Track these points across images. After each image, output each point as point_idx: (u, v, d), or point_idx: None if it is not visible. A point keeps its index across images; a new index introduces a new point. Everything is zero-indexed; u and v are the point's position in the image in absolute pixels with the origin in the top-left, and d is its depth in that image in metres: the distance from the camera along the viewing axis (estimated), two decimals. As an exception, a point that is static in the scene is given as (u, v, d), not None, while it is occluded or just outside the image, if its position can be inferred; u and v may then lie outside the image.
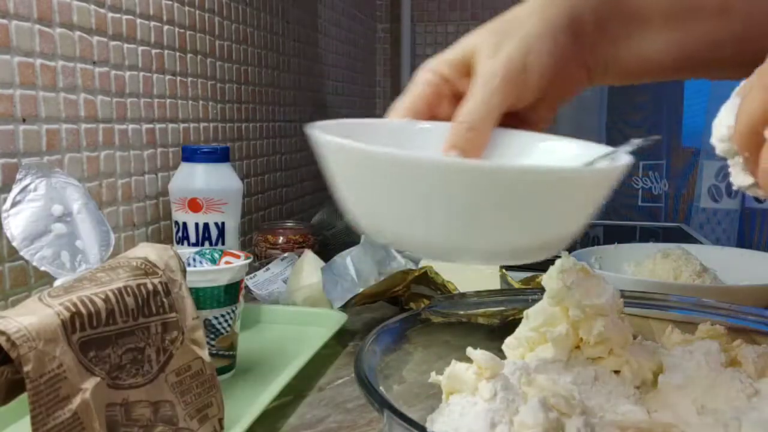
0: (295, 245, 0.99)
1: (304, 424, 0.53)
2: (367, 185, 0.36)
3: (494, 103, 0.42)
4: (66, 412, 0.34)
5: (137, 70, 0.84)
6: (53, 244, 0.59)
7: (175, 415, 0.41)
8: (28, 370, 0.33)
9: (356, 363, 0.42)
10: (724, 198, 1.72)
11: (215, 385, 0.44)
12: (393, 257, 0.82)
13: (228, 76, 1.07)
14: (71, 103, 0.72)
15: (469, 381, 0.42)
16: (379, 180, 0.35)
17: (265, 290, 0.83)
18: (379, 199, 0.36)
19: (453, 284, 0.72)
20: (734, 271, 0.90)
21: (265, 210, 1.24)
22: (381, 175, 0.35)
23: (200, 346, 0.44)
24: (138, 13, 0.83)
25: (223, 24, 1.05)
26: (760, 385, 0.44)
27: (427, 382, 0.45)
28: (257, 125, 1.19)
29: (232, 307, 0.60)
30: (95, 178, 0.77)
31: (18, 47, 0.65)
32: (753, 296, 0.76)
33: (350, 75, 1.75)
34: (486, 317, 0.58)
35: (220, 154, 0.83)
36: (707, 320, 0.51)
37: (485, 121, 0.42)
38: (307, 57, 1.43)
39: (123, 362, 0.38)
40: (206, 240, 0.82)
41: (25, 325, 0.34)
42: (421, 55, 1.99)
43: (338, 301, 0.72)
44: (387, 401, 0.37)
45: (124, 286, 0.40)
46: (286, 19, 1.30)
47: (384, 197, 0.36)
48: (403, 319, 0.52)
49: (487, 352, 0.43)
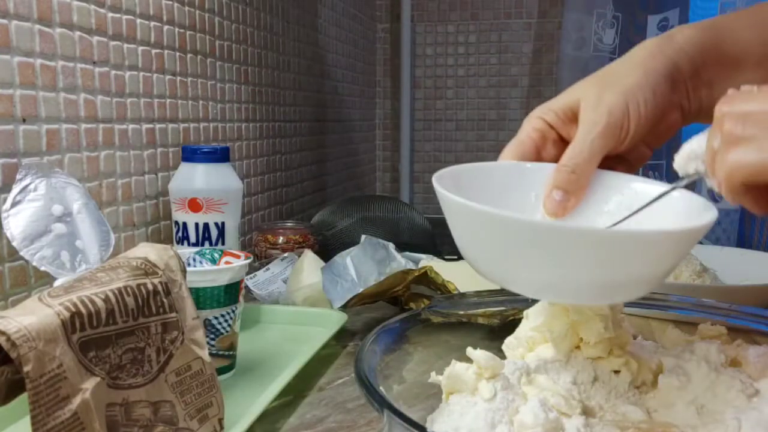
0: (295, 245, 0.99)
1: (304, 424, 0.53)
2: (476, 235, 0.42)
3: (595, 149, 0.46)
4: (66, 412, 0.34)
5: (137, 70, 0.84)
6: (53, 244, 0.59)
7: (175, 415, 0.41)
8: (28, 370, 0.33)
9: (356, 363, 0.42)
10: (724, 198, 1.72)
11: (215, 385, 0.44)
12: (393, 257, 0.82)
13: (228, 76, 1.07)
14: (71, 103, 0.72)
15: (469, 381, 0.42)
16: (486, 232, 0.41)
17: (265, 290, 0.83)
18: (489, 248, 0.42)
19: (453, 284, 0.72)
20: (734, 271, 0.90)
21: (265, 210, 1.24)
22: (488, 229, 0.40)
23: (200, 346, 0.44)
24: (138, 13, 0.83)
25: (223, 24, 1.05)
26: (760, 385, 0.44)
27: (427, 382, 0.45)
28: (257, 125, 1.19)
29: (232, 307, 0.60)
30: (95, 178, 0.77)
31: (18, 47, 0.65)
32: (753, 296, 0.76)
33: (350, 75, 1.76)
34: (486, 317, 0.58)
35: (220, 154, 0.83)
36: (707, 320, 0.51)
37: (586, 165, 0.47)
38: (307, 57, 1.43)
39: (123, 362, 0.38)
40: (206, 240, 0.82)
41: (25, 325, 0.34)
42: (421, 55, 1.99)
43: (338, 301, 0.72)
44: (387, 401, 0.37)
45: (124, 286, 0.40)
46: (286, 19, 1.30)
47: (492, 247, 0.41)
48: (403, 319, 0.52)
49: (487, 352, 0.43)
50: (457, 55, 1.98)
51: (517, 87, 1.96)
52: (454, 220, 0.43)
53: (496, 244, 0.41)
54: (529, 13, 1.93)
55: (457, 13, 1.96)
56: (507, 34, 1.95)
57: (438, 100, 2.01)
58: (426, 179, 2.05)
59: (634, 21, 1.76)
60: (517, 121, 1.97)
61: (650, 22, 1.75)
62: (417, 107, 2.02)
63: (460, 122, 2.01)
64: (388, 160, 2.08)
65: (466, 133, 2.01)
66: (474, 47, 1.97)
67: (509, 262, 0.41)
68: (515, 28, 1.94)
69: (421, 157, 2.04)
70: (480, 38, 1.97)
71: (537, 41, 1.93)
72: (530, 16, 1.93)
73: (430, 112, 2.02)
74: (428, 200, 2.04)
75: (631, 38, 1.77)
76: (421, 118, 2.03)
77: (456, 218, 0.43)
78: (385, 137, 2.07)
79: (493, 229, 0.40)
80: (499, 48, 1.96)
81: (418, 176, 2.05)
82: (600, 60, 1.76)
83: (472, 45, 1.97)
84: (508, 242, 0.40)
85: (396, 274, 0.71)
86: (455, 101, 2.00)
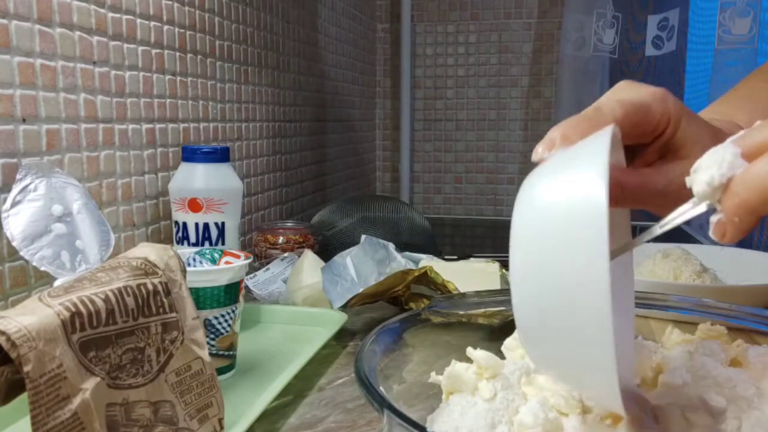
0: (295, 245, 0.99)
1: (304, 424, 0.53)
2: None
3: (616, 107, 0.40)
4: (66, 412, 0.34)
5: (137, 70, 0.84)
6: (53, 244, 0.59)
7: (175, 415, 0.41)
8: (28, 370, 0.33)
9: (356, 363, 0.42)
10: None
11: (215, 385, 0.44)
12: (393, 257, 0.82)
13: (228, 76, 1.07)
14: (71, 103, 0.72)
15: (469, 381, 0.42)
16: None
17: (265, 290, 0.83)
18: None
19: (453, 284, 0.72)
20: (734, 271, 0.90)
21: (265, 210, 1.24)
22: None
23: (200, 346, 0.44)
24: (138, 13, 0.83)
25: (223, 24, 1.05)
26: (760, 385, 0.44)
27: (427, 382, 0.45)
28: (257, 125, 1.19)
29: (232, 307, 0.60)
30: (95, 178, 0.77)
31: (18, 47, 0.65)
32: (753, 296, 0.76)
33: (350, 75, 1.76)
34: (486, 317, 0.58)
35: (220, 154, 0.83)
36: (707, 320, 0.51)
37: (597, 112, 0.40)
38: (307, 57, 1.43)
39: (123, 362, 0.38)
40: (206, 240, 0.82)
41: (25, 325, 0.34)
42: (421, 55, 1.99)
43: (338, 301, 0.72)
44: (387, 401, 0.37)
45: (124, 286, 0.40)
46: (286, 19, 1.30)
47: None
48: (403, 319, 0.52)
49: (487, 352, 0.43)
50: (457, 55, 1.98)
51: (517, 87, 1.96)
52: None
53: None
54: (529, 13, 1.93)
55: (457, 13, 1.96)
56: (507, 34, 1.95)
57: (438, 100, 2.01)
58: (426, 179, 2.05)
59: (634, 21, 1.76)
60: (517, 121, 1.97)
61: (650, 22, 1.75)
62: (417, 107, 2.02)
63: (460, 122, 2.01)
64: (388, 160, 2.08)
65: (466, 133, 2.01)
66: (474, 47, 1.97)
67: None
68: (515, 28, 1.94)
69: (421, 157, 2.04)
70: (480, 38, 1.97)
71: (537, 41, 1.93)
72: (530, 16, 1.93)
73: (430, 112, 2.02)
74: (428, 200, 2.04)
75: (631, 38, 1.77)
76: (421, 118, 2.03)
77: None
78: (385, 137, 2.07)
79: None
80: (499, 48, 1.96)
81: (418, 176, 2.05)
82: (600, 60, 1.76)
83: (472, 45, 1.97)
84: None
85: (396, 274, 0.71)
86: (455, 101, 2.00)
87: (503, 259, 0.75)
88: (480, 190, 2.02)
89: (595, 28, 1.74)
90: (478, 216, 2.00)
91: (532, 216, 0.32)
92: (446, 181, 2.04)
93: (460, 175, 2.03)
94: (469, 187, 2.02)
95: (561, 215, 0.30)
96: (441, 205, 2.03)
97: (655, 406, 0.42)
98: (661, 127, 0.42)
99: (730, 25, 1.60)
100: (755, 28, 1.59)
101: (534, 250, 0.31)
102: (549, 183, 0.32)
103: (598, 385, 0.32)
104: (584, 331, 0.30)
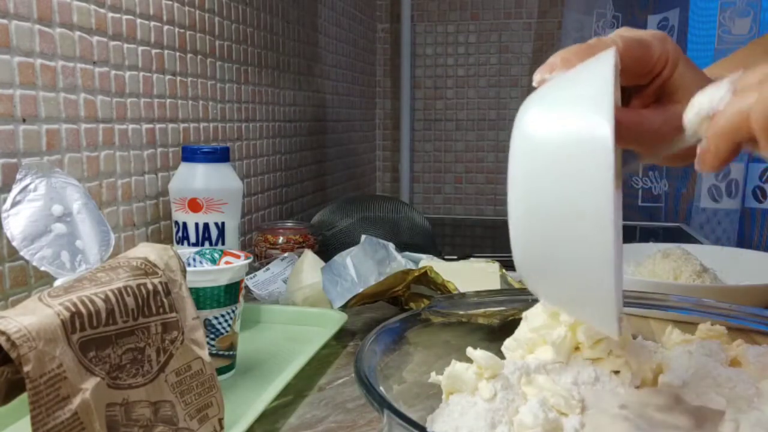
0: (295, 245, 0.99)
1: (304, 424, 0.53)
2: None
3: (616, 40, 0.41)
4: (66, 412, 0.34)
5: (137, 70, 0.84)
6: (53, 244, 0.59)
7: (175, 415, 0.41)
8: (28, 370, 0.33)
9: (356, 363, 0.42)
10: (724, 198, 1.72)
11: (215, 385, 0.44)
12: (393, 257, 0.82)
13: (228, 76, 1.07)
14: (71, 103, 0.72)
15: (469, 381, 0.42)
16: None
17: (265, 290, 0.83)
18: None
19: (453, 284, 0.72)
20: (734, 271, 0.90)
21: (265, 210, 1.24)
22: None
23: (200, 346, 0.44)
24: (138, 13, 0.83)
25: (223, 24, 1.05)
26: (760, 385, 0.44)
27: (427, 382, 0.45)
28: (257, 125, 1.19)
29: (232, 307, 0.60)
30: (95, 178, 0.77)
31: (18, 47, 0.65)
32: (753, 296, 0.76)
33: (350, 75, 1.76)
34: (486, 317, 0.58)
35: (220, 154, 0.83)
36: (707, 320, 0.51)
37: (600, 41, 0.42)
38: (307, 57, 1.43)
39: (123, 362, 0.38)
40: (206, 240, 0.82)
41: (25, 325, 0.34)
42: (421, 55, 1.99)
43: (338, 301, 0.72)
44: (387, 401, 0.37)
45: (124, 286, 0.40)
46: (286, 19, 1.30)
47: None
48: (403, 319, 0.52)
49: (487, 352, 0.43)
50: (457, 55, 1.98)
51: (517, 87, 1.96)
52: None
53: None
54: (529, 13, 1.93)
55: (457, 13, 1.96)
56: (507, 34, 1.95)
57: (438, 100, 2.01)
58: (426, 179, 2.05)
59: (634, 21, 1.76)
60: (517, 121, 1.97)
61: (650, 22, 1.75)
62: (417, 107, 2.02)
63: (460, 122, 2.01)
64: (388, 160, 2.08)
65: (466, 133, 2.01)
66: (474, 47, 1.97)
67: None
68: (515, 28, 1.94)
69: (421, 157, 2.04)
70: (480, 38, 1.97)
71: (537, 41, 1.93)
72: (530, 16, 1.93)
73: (430, 112, 2.02)
74: (428, 200, 2.04)
75: (631, 38, 1.77)
76: (421, 118, 2.03)
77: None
78: (385, 137, 2.07)
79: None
80: (499, 48, 1.96)
81: (418, 176, 2.05)
82: (600, 60, 1.75)
83: (472, 45, 1.97)
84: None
85: (396, 274, 0.71)
86: (455, 101, 2.00)
87: (503, 259, 0.75)
88: (480, 190, 2.02)
89: (595, 28, 1.74)
90: (478, 216, 2.00)
91: (536, 146, 0.33)
92: (446, 181, 2.04)
93: (460, 175, 2.03)
94: (469, 187, 2.02)
95: (567, 144, 0.32)
96: (441, 205, 2.03)
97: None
98: (659, 67, 0.43)
99: (730, 25, 1.60)
100: (755, 28, 1.59)
101: (538, 176, 0.33)
102: (551, 112, 0.34)
103: (597, 308, 0.35)
104: (587, 257, 0.32)
